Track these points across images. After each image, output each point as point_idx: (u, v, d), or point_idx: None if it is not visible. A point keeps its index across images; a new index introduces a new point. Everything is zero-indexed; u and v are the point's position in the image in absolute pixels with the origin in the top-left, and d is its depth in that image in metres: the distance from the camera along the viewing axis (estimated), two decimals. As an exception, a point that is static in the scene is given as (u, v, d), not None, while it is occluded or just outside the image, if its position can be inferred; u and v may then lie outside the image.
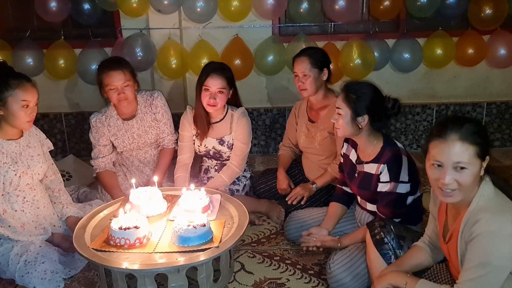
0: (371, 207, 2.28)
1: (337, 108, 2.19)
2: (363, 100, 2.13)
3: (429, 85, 3.98)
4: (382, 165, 2.14)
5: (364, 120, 2.14)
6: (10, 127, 2.33)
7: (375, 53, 3.60)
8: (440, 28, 3.65)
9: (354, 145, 2.32)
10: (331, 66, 2.80)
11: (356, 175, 2.30)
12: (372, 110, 2.13)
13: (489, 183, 1.58)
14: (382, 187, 2.14)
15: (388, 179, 2.12)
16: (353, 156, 2.33)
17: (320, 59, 2.70)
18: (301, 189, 2.75)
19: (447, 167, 1.54)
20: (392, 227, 2.00)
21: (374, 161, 2.18)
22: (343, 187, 2.46)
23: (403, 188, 2.12)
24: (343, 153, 2.40)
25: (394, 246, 1.95)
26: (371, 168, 2.20)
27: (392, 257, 1.94)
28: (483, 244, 1.48)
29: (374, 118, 2.14)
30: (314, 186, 2.76)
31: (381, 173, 2.14)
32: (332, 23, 3.76)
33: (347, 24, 3.86)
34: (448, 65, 3.76)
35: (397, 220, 2.12)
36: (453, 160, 1.52)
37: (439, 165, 1.56)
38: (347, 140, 2.38)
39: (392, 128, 3.99)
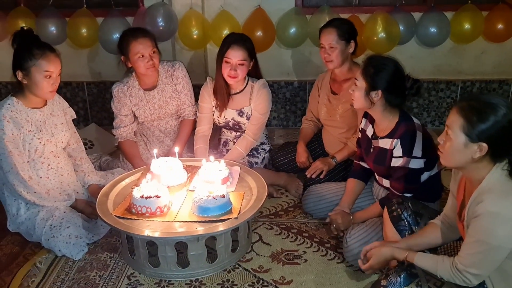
0: (387, 183, 2.27)
1: (355, 79, 2.18)
2: (381, 76, 2.10)
3: (454, 60, 3.87)
4: (395, 140, 2.13)
5: (377, 95, 2.12)
6: (34, 96, 2.37)
7: (400, 27, 3.50)
8: (469, 1, 3.52)
9: (371, 121, 2.30)
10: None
11: (371, 150, 2.29)
12: (388, 87, 2.10)
13: (502, 170, 1.56)
14: (395, 162, 2.14)
15: (401, 154, 2.11)
16: (369, 131, 2.32)
17: (347, 31, 2.64)
18: (320, 163, 2.75)
19: None
20: (409, 204, 2.00)
21: (389, 136, 2.18)
22: (361, 163, 2.45)
23: (416, 164, 2.10)
24: (361, 128, 2.39)
25: (410, 222, 1.96)
26: (385, 143, 2.19)
27: (408, 233, 1.95)
28: (483, 224, 1.49)
29: (390, 95, 2.12)
30: (333, 160, 2.76)
31: (394, 147, 2.14)
32: (357, -5, 3.67)
33: (372, -4, 3.76)
34: (476, 40, 3.65)
35: (409, 195, 2.12)
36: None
37: None
38: (365, 115, 2.36)
39: (415, 104, 3.93)
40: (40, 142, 2.39)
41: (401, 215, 1.97)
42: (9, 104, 2.31)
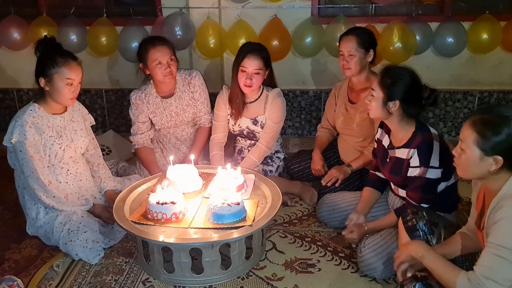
0: (403, 193, 2.26)
1: (372, 89, 2.18)
2: (398, 86, 2.10)
3: (472, 71, 3.84)
4: (412, 149, 2.12)
5: (395, 105, 2.11)
6: (55, 103, 2.42)
7: (417, 37, 3.50)
8: (487, 11, 3.50)
9: (387, 131, 2.30)
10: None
11: (387, 160, 2.29)
12: (405, 97, 2.10)
13: None
14: (412, 172, 2.13)
15: (418, 164, 2.10)
16: (385, 141, 2.31)
17: (367, 40, 2.65)
18: (336, 171, 2.75)
19: None
20: (424, 214, 1.98)
21: (405, 146, 2.17)
22: (376, 173, 2.45)
23: (433, 174, 2.09)
24: (377, 138, 2.39)
25: (426, 232, 1.94)
26: (402, 153, 2.18)
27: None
28: (503, 229, 1.47)
29: (407, 105, 2.12)
30: (349, 168, 2.75)
31: (411, 157, 2.12)
32: (373, 5, 3.68)
33: (388, 6, 3.76)
34: (494, 50, 3.62)
35: (425, 206, 2.10)
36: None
37: None
38: (381, 125, 2.36)
39: (431, 114, 3.90)
40: (60, 148, 2.44)
41: (416, 225, 1.95)
42: (31, 110, 2.37)
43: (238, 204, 2.12)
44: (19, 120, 2.32)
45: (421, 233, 1.94)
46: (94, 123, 2.73)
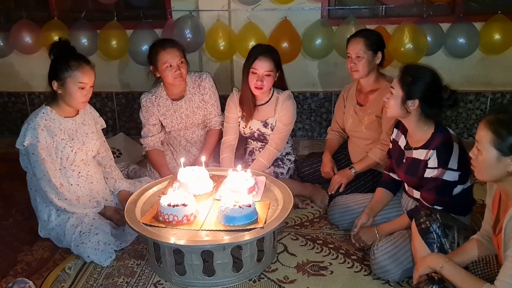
0: (417, 194, 2.24)
1: (391, 87, 2.15)
2: (418, 85, 2.07)
3: (484, 72, 3.80)
4: (431, 150, 2.09)
5: (414, 104, 2.09)
6: (67, 106, 2.44)
7: (428, 38, 3.47)
8: (499, 11, 3.47)
9: (404, 131, 2.27)
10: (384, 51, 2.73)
11: (404, 161, 2.26)
12: (424, 97, 2.07)
13: None
14: (429, 173, 2.10)
15: (436, 165, 2.07)
16: (402, 142, 2.29)
17: (375, 42, 2.64)
18: (338, 176, 2.74)
19: None
20: (438, 216, 1.96)
21: (424, 147, 2.14)
22: (390, 174, 2.42)
23: (450, 176, 2.06)
24: (392, 138, 2.36)
25: (440, 235, 1.91)
26: (420, 154, 2.15)
27: (437, 246, 1.91)
28: None
29: (426, 105, 2.08)
30: (352, 170, 2.74)
31: (429, 158, 2.09)
32: (384, 6, 3.66)
33: (399, 7, 3.74)
34: (506, 51, 3.58)
35: (439, 208, 2.08)
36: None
37: None
38: (397, 125, 2.33)
39: (442, 115, 3.86)
40: (72, 150, 2.45)
41: (430, 227, 1.93)
42: (43, 113, 2.38)
43: (250, 206, 2.11)
44: (32, 123, 2.33)
45: (434, 235, 1.92)
46: (105, 126, 2.74)
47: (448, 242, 1.91)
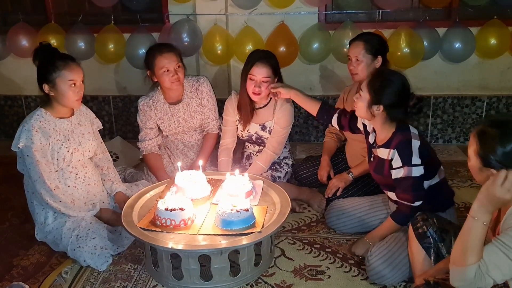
0: (391, 195, 2.28)
1: (360, 89, 2.19)
2: (385, 91, 2.11)
3: (480, 76, 3.82)
4: (392, 150, 2.14)
5: (378, 109, 2.13)
6: (62, 107, 2.45)
7: (425, 42, 3.49)
8: (495, 16, 3.49)
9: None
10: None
11: (372, 159, 2.32)
12: (390, 103, 2.11)
13: None
14: (397, 173, 2.14)
15: (401, 164, 2.11)
16: (371, 139, 2.34)
17: (375, 46, 2.65)
18: (336, 180, 2.74)
19: None
20: (435, 221, 1.96)
21: (385, 145, 2.20)
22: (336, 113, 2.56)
23: (417, 171, 2.10)
24: (366, 129, 2.39)
25: (436, 239, 1.92)
26: (382, 153, 2.21)
27: (434, 250, 1.91)
28: None
29: (392, 110, 2.13)
30: (350, 175, 2.75)
31: (392, 159, 2.14)
32: (380, 11, 3.68)
33: (395, 12, 3.76)
34: (502, 55, 3.61)
35: (418, 203, 2.12)
36: None
37: None
38: None
39: (439, 120, 3.88)
40: (68, 151, 2.45)
41: (427, 232, 1.94)
42: (37, 115, 2.39)
43: (247, 210, 2.11)
44: (26, 125, 2.34)
45: (431, 240, 1.92)
46: (102, 127, 2.74)
47: (445, 246, 1.91)
